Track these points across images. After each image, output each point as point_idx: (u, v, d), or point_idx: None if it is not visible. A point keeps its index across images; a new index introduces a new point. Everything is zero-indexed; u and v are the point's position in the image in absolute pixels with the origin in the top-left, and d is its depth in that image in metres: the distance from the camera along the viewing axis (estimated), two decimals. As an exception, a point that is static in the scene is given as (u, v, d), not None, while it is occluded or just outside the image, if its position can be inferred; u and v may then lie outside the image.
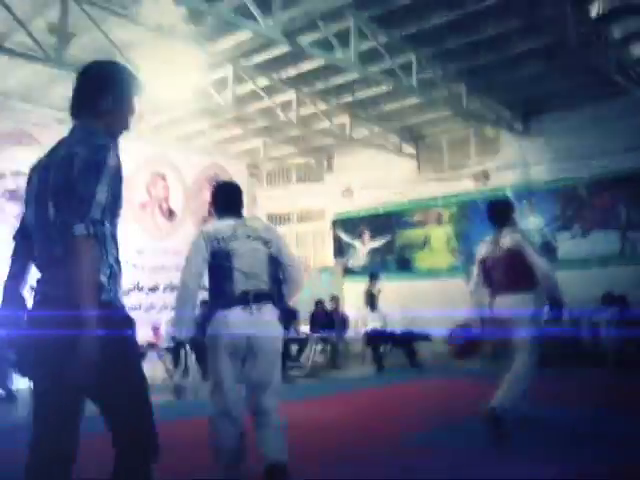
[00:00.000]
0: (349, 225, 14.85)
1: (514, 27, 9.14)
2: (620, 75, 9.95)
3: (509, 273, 5.16)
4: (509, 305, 5.08)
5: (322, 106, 12.20)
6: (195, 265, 3.80)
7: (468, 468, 4.37)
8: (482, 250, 5.48)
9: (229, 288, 3.72)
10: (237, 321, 3.66)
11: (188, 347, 9.53)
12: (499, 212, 5.54)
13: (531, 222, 12.27)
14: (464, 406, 6.86)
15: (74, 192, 2.27)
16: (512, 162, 12.65)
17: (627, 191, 11.29)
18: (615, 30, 9.33)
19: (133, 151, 9.95)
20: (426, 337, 11.86)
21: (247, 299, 3.69)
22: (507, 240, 5.25)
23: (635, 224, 11.22)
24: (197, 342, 6.13)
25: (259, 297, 3.73)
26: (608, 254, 11.26)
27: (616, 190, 11.41)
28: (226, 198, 4.12)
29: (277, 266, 3.92)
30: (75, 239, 2.22)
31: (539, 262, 5.05)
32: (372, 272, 12.30)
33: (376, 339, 11.28)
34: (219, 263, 3.78)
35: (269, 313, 3.78)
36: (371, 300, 11.54)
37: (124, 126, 2.63)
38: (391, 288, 13.32)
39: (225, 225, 3.90)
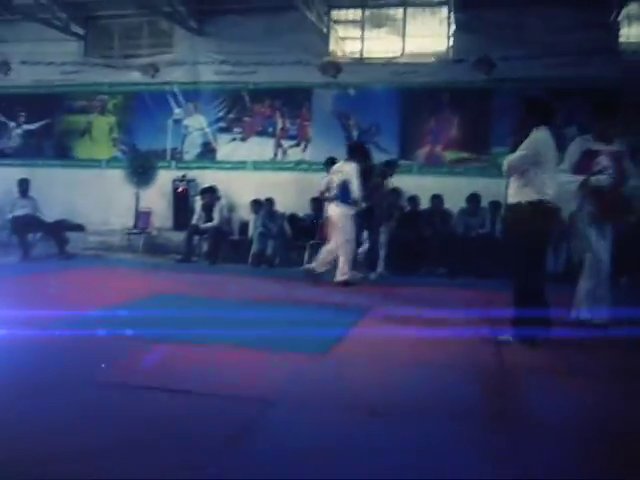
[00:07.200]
0: (2, 103, 13.50)
1: None
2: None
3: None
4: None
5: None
6: None
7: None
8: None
9: None
10: None
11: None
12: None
13: (194, 121, 12.46)
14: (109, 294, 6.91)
15: None
16: (183, 59, 12.55)
17: (284, 102, 12.04)
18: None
19: None
20: (79, 227, 11.50)
21: None
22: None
23: (288, 134, 12.06)
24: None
25: None
26: (263, 159, 12.00)
27: (275, 100, 12.09)
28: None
29: None
30: None
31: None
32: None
33: (24, 226, 10.59)
34: None
35: None
36: (24, 186, 10.79)
37: None
38: (47, 175, 12.61)
39: None
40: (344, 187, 8.27)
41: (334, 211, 8.39)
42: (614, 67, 10.40)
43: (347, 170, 8.36)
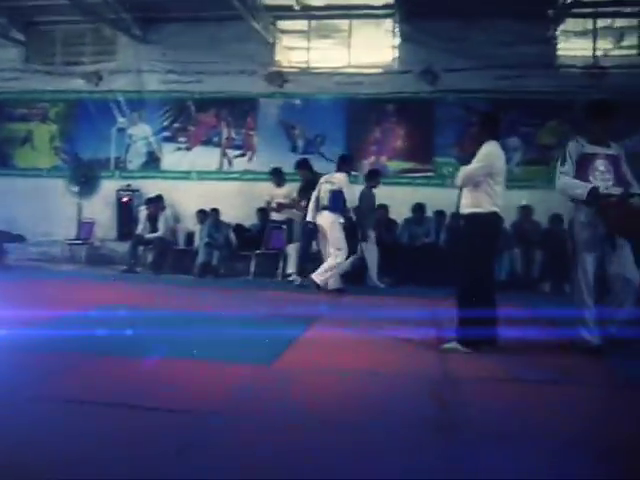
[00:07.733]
0: (-61, 110, 13.09)
1: None
2: (238, 0, 10.37)
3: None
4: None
5: None
6: None
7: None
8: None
9: None
10: None
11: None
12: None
13: (139, 130, 12.29)
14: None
15: None
16: (127, 67, 12.37)
17: (229, 112, 11.99)
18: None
19: None
20: (20, 237, 11.22)
21: None
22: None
23: (234, 143, 12.01)
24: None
25: None
26: (208, 169, 11.94)
27: (221, 110, 12.03)
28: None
29: None
30: None
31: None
32: None
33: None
34: None
35: None
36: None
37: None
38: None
39: None
40: (335, 196, 8.51)
41: (325, 219, 8.56)
42: (553, 79, 10.72)
43: (338, 180, 8.63)
